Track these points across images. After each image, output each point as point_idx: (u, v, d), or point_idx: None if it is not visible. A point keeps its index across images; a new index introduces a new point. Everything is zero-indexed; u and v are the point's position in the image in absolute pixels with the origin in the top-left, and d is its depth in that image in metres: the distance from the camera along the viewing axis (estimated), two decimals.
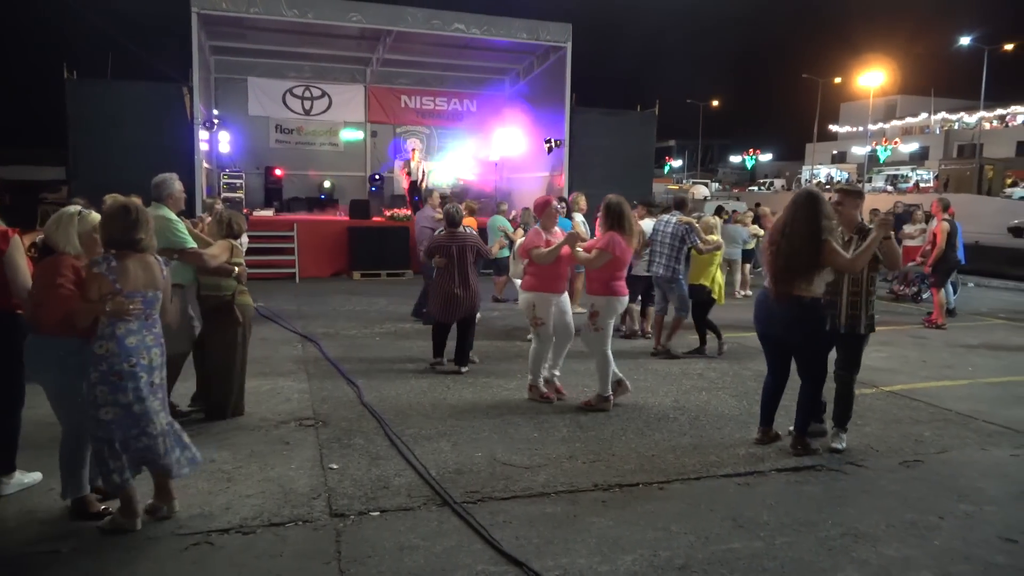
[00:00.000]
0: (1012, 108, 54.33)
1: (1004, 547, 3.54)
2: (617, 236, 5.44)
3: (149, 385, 3.46)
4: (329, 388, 6.04)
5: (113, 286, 3.33)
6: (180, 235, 4.88)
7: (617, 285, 5.54)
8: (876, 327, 4.78)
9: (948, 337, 9.12)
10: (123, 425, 3.38)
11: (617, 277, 5.54)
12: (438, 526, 3.58)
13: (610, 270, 5.49)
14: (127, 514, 3.46)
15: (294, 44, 15.60)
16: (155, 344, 3.52)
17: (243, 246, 5.25)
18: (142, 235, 3.47)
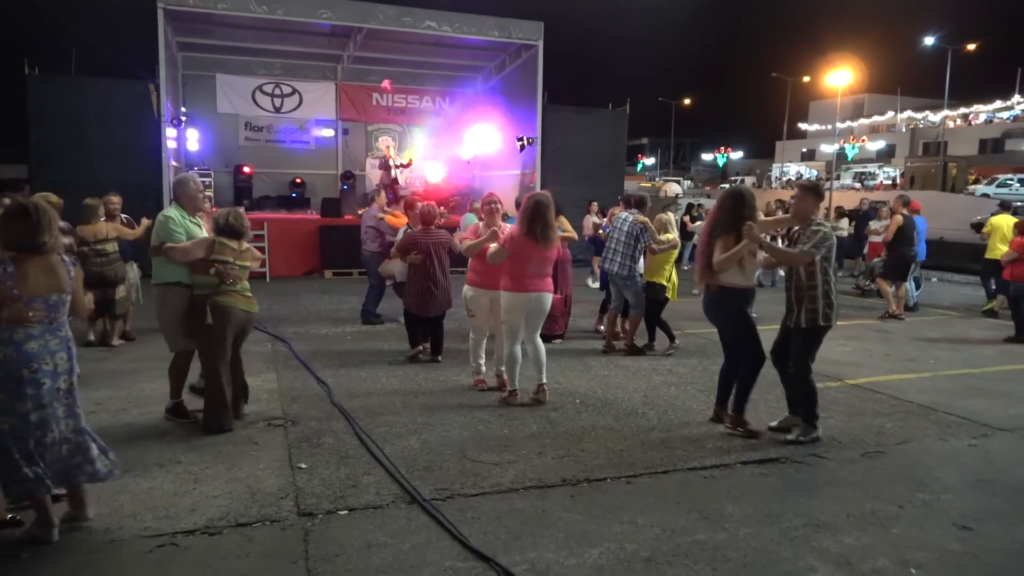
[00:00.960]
0: (975, 107, 55.51)
1: (960, 534, 3.64)
2: (515, 233, 5.41)
3: (55, 391, 3.33)
4: (299, 387, 6.00)
5: (10, 292, 3.19)
6: (165, 232, 4.87)
7: (523, 282, 5.42)
8: (824, 323, 4.82)
9: (911, 331, 9.32)
10: (20, 435, 3.24)
11: (521, 274, 5.42)
12: (407, 523, 3.59)
13: (512, 266, 5.44)
14: (41, 524, 3.34)
15: (263, 41, 15.43)
16: (61, 348, 3.38)
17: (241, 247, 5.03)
18: (45, 238, 3.30)
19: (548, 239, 5.38)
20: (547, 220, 5.38)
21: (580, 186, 14.91)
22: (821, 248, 4.73)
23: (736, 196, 5.00)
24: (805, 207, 4.89)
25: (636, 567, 3.23)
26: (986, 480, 4.36)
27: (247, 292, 5.01)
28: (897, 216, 10.27)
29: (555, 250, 5.55)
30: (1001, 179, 38.36)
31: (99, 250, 7.08)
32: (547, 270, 5.58)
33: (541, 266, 5.49)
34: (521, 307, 5.47)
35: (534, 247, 5.37)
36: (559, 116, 15.82)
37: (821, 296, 4.78)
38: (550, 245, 5.42)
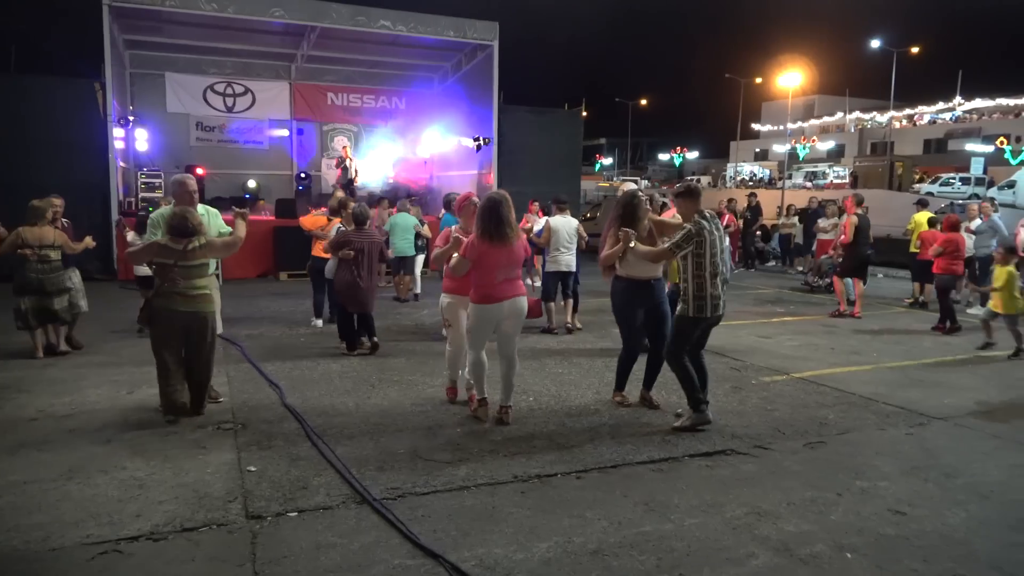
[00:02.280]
0: (919, 108, 57.42)
1: (893, 519, 3.79)
2: (473, 239, 4.98)
3: None
4: (250, 391, 5.94)
5: None
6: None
7: (491, 291, 4.99)
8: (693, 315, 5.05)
9: (855, 325, 9.61)
10: None
11: (488, 282, 4.99)
12: (356, 523, 3.59)
13: (477, 275, 5.02)
14: None
15: (214, 39, 15.19)
16: None
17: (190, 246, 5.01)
18: None
19: (506, 238, 4.94)
20: (502, 218, 4.94)
21: (537, 186, 15.00)
22: (685, 245, 4.99)
23: (625, 204, 5.54)
24: (686, 210, 5.16)
25: (583, 559, 3.29)
26: (920, 467, 4.54)
27: (192, 292, 4.97)
28: (852, 216, 10.44)
29: (520, 249, 5.11)
30: (944, 178, 39.74)
31: (43, 256, 6.80)
32: (515, 273, 5.11)
33: (509, 270, 5.03)
34: (490, 319, 5.04)
35: (494, 250, 4.92)
36: (515, 116, 15.91)
37: (692, 289, 5.04)
38: (509, 244, 4.97)
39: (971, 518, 3.81)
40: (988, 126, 51.62)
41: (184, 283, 4.92)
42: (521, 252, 5.13)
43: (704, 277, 5.02)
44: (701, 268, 5.01)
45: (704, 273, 5.02)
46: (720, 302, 5.10)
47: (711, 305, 5.05)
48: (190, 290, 4.95)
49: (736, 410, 5.67)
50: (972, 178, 38.43)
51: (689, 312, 5.06)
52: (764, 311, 10.70)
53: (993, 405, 5.96)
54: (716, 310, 5.09)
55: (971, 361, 7.62)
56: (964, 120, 54.63)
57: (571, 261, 8.55)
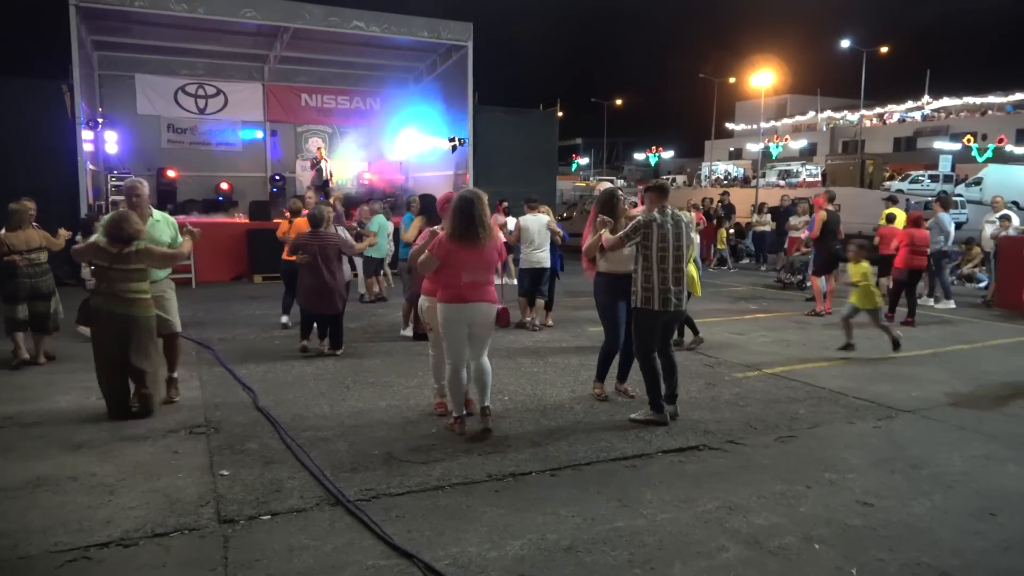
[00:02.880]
0: (889, 107, 58.36)
1: (861, 510, 3.86)
2: (443, 236, 4.79)
3: None
4: (223, 394, 5.89)
5: None
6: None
7: (456, 291, 4.76)
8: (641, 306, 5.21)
9: (826, 320, 9.76)
10: None
11: (454, 283, 4.77)
12: (330, 525, 3.59)
13: (444, 274, 4.81)
14: None
15: (185, 40, 15.02)
16: None
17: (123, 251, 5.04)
18: None
19: (477, 239, 4.70)
20: (474, 217, 4.70)
21: (513, 186, 15.03)
22: (633, 235, 5.15)
23: (604, 201, 5.70)
24: (651, 205, 5.32)
25: (556, 556, 3.32)
26: (887, 459, 4.62)
27: (128, 295, 5.06)
28: (821, 212, 10.60)
29: (493, 251, 4.85)
30: (913, 175, 40.44)
31: (32, 259, 6.68)
32: (485, 277, 4.85)
33: (477, 272, 4.78)
34: (457, 320, 4.78)
35: (463, 250, 4.70)
36: (490, 117, 15.94)
37: (640, 281, 5.19)
38: (480, 245, 4.73)
39: (935, 508, 3.90)
40: (955, 124, 52.62)
41: (120, 286, 5.02)
42: (493, 255, 4.87)
43: (652, 270, 5.14)
44: (648, 260, 5.14)
45: (651, 266, 5.13)
46: (671, 296, 5.15)
47: (660, 299, 5.13)
48: (126, 293, 5.05)
49: (709, 406, 5.73)
50: (941, 175, 39.18)
51: (637, 303, 5.23)
52: (738, 308, 10.82)
53: (959, 398, 6.09)
54: (666, 304, 5.14)
55: (939, 355, 7.77)
56: (932, 119, 55.63)
57: (543, 258, 8.67)
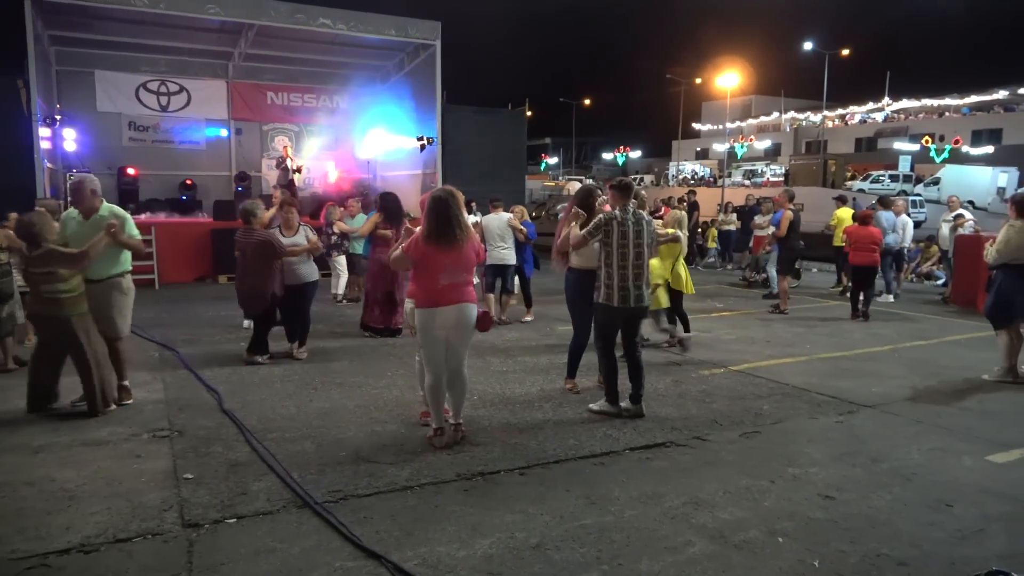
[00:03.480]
0: (850, 108, 59.52)
1: (823, 503, 3.95)
2: (418, 237, 4.66)
3: None
4: (187, 397, 5.80)
5: None
6: None
7: (432, 295, 4.61)
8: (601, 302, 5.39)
9: (790, 318, 9.94)
10: None
11: (430, 285, 4.62)
12: (297, 527, 3.56)
13: (420, 276, 4.69)
14: None
15: (147, 36, 14.67)
16: None
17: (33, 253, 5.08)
18: None
19: (454, 239, 4.56)
20: (449, 217, 4.55)
21: (483, 185, 15.04)
22: (595, 232, 5.33)
23: (583, 196, 5.82)
24: (615, 202, 5.46)
25: (525, 554, 3.33)
26: (849, 453, 4.73)
27: (49, 295, 5.06)
28: (787, 211, 10.78)
29: (471, 252, 4.69)
30: (874, 175, 41.33)
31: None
32: (464, 278, 4.69)
33: (455, 274, 4.61)
34: (436, 325, 4.62)
35: (440, 252, 4.55)
36: (459, 116, 15.93)
37: (602, 277, 5.36)
38: (457, 246, 4.58)
39: (895, 500, 3.99)
40: (915, 125, 53.86)
41: (42, 287, 5.06)
42: (472, 255, 4.71)
43: (612, 266, 5.28)
44: (609, 257, 5.29)
45: (612, 262, 5.27)
46: (629, 293, 5.26)
47: (619, 295, 5.27)
48: (46, 294, 5.08)
49: (676, 403, 5.80)
50: (901, 175, 40.12)
51: (599, 298, 5.37)
52: (704, 306, 10.95)
53: (917, 392, 6.25)
54: (625, 301, 5.27)
55: (898, 351, 7.96)
56: (892, 120, 56.87)
57: (505, 255, 8.94)
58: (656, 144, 77.08)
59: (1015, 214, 6.63)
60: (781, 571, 3.22)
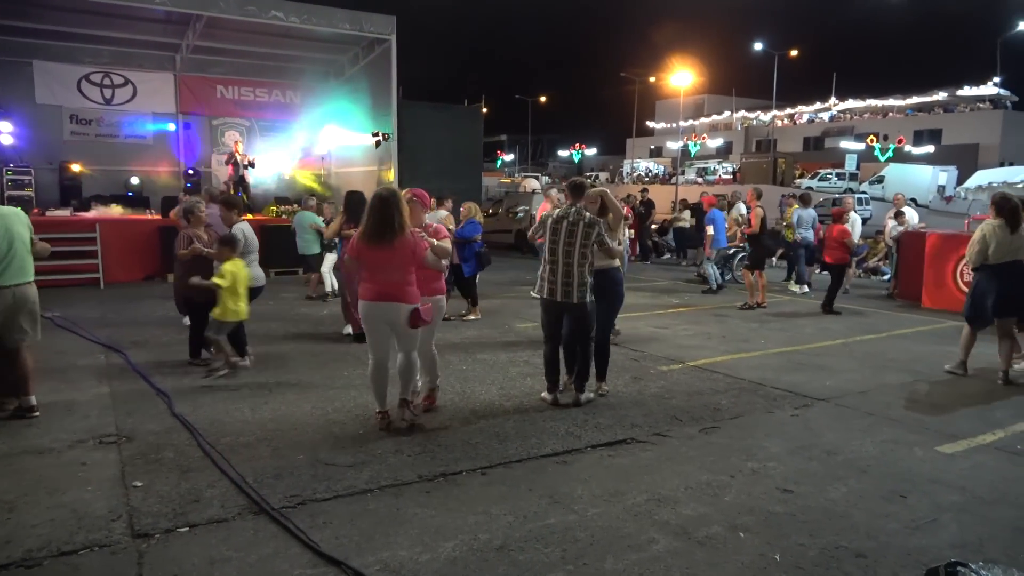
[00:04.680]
0: (799, 108, 60.92)
1: (782, 497, 4.00)
2: (355, 237, 4.94)
3: None
4: (136, 401, 5.59)
5: None
6: None
7: (367, 289, 4.86)
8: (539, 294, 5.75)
9: (745, 314, 10.10)
10: None
11: (367, 279, 4.88)
12: (254, 535, 3.45)
13: (362, 272, 4.95)
14: None
15: (88, 25, 14.16)
16: None
17: None
18: None
19: (383, 239, 4.69)
20: (384, 217, 4.70)
21: (439, 182, 14.87)
22: (539, 228, 5.73)
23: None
24: (566, 200, 5.74)
25: (489, 556, 3.29)
26: (805, 446, 4.81)
27: None
28: (758, 208, 10.93)
29: (404, 252, 4.75)
30: (822, 173, 42.42)
31: None
32: (398, 277, 4.78)
33: (388, 272, 4.75)
34: (373, 317, 4.86)
35: (373, 250, 4.75)
36: (414, 112, 15.76)
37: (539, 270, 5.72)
38: (389, 246, 4.70)
39: (851, 492, 4.07)
40: (860, 125, 55.42)
41: None
42: (406, 253, 4.76)
43: (545, 261, 5.58)
44: (545, 252, 5.59)
45: (546, 256, 5.58)
46: (556, 288, 5.46)
47: (547, 288, 5.54)
48: None
49: (636, 400, 5.83)
50: (847, 173, 41.27)
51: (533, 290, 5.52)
52: (660, 302, 11.06)
53: (868, 385, 6.40)
54: (552, 295, 5.51)
55: (849, 344, 8.15)
56: (839, 119, 58.41)
57: None
58: (611, 142, 77.75)
59: (993, 213, 6.58)
60: (743, 566, 3.25)
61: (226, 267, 6.26)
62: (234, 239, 6.44)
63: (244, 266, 6.43)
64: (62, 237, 11.90)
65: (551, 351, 5.72)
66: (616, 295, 6.00)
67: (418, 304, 4.86)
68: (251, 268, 6.60)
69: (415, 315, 4.81)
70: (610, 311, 6.02)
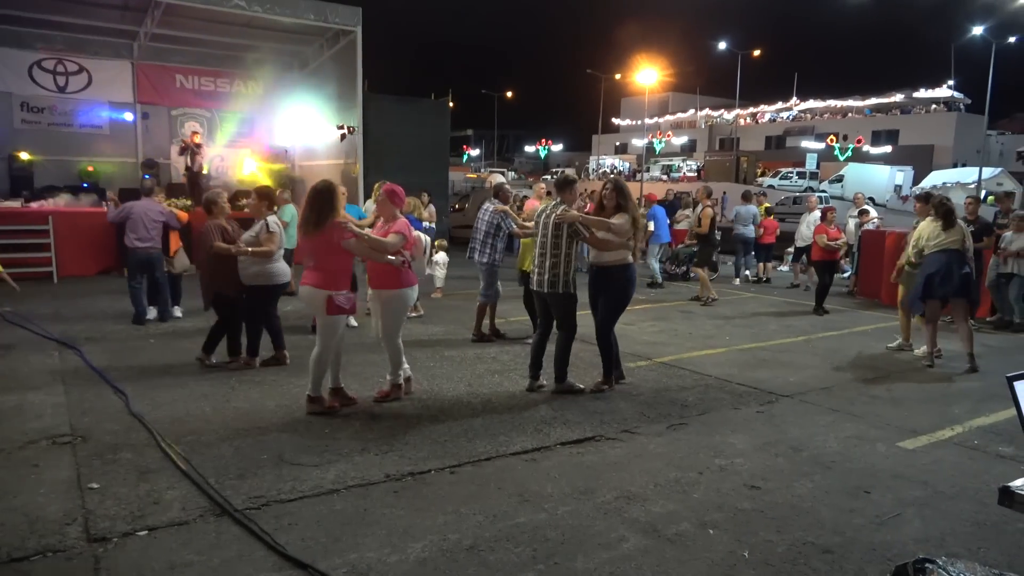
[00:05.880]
0: (761, 107, 61.91)
1: (749, 494, 4.03)
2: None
3: None
4: (91, 399, 5.41)
5: None
6: None
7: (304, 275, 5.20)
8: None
9: (710, 311, 10.20)
10: None
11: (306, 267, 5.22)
12: (216, 537, 3.35)
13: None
14: None
15: (39, 10, 13.66)
16: None
17: None
18: None
19: (308, 228, 5.06)
20: (309, 207, 5.07)
21: (405, 176, 14.62)
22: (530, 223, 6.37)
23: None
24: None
25: (459, 556, 3.25)
26: (771, 442, 4.86)
27: None
28: (708, 208, 11.09)
29: (323, 241, 5.02)
30: (783, 172, 43.15)
31: None
32: (318, 263, 5.10)
33: (312, 259, 5.15)
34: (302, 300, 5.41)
35: (302, 237, 5.26)
36: (380, 105, 15.57)
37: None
38: (311, 235, 5.05)
39: (816, 488, 4.12)
40: (821, 125, 56.50)
41: None
42: (328, 241, 5.00)
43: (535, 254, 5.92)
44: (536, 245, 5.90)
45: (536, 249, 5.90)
46: (535, 277, 5.83)
47: (535, 279, 5.85)
48: None
49: (603, 396, 5.83)
50: (808, 172, 42.05)
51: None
52: None
53: (830, 381, 6.51)
54: (540, 285, 5.80)
55: (811, 341, 8.28)
56: (800, 119, 59.46)
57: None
58: (577, 138, 78.07)
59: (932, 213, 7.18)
60: (713, 563, 3.26)
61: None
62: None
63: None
64: (13, 229, 11.52)
65: (538, 340, 6.04)
66: (614, 293, 5.87)
67: (333, 292, 5.02)
68: (277, 264, 6.42)
69: (330, 302, 5.00)
70: (607, 309, 5.91)
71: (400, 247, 5.22)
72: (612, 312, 5.94)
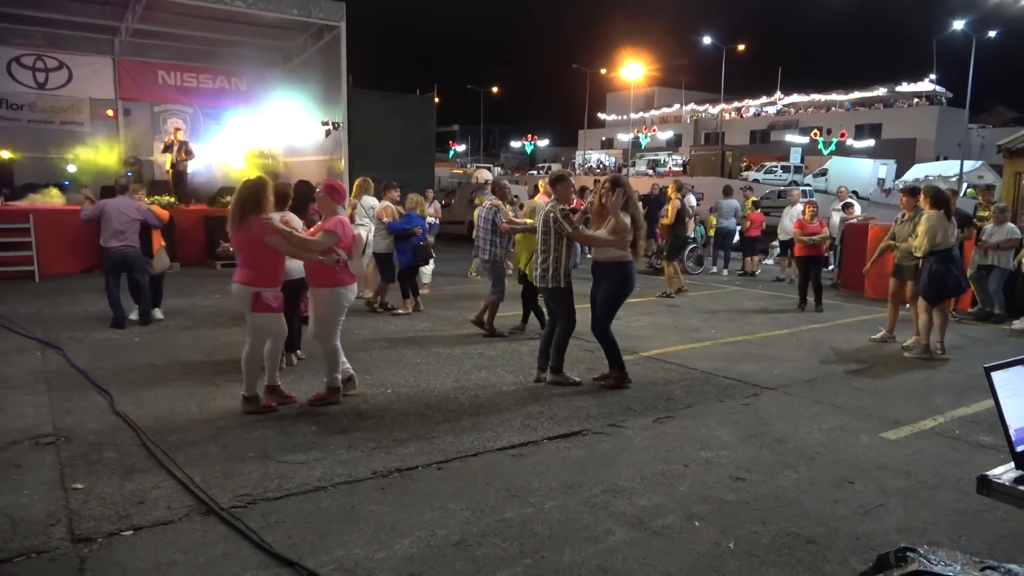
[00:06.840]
0: (745, 101, 62.19)
1: (734, 486, 4.06)
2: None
3: None
4: (75, 399, 5.36)
5: None
6: None
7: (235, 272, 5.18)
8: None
9: (696, 304, 10.26)
10: None
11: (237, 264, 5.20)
12: (202, 536, 3.33)
13: None
14: None
15: (17, 5, 13.48)
16: None
17: None
18: None
19: (232, 222, 5.01)
20: (235, 203, 5.03)
21: (391, 171, 14.66)
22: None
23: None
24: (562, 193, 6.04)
25: (446, 552, 3.25)
26: (756, 435, 4.90)
27: None
28: (675, 201, 11.29)
29: (244, 238, 4.97)
30: (768, 166, 43.37)
31: None
32: (241, 259, 5.06)
33: (240, 255, 5.07)
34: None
35: (230, 233, 5.12)
36: (365, 101, 15.51)
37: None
38: (237, 229, 4.97)
39: (801, 479, 4.16)
40: (804, 119, 56.86)
41: None
42: (244, 240, 4.97)
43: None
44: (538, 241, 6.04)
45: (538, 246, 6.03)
46: (547, 274, 5.89)
47: (539, 275, 5.98)
48: None
49: (591, 390, 5.86)
50: (792, 166, 42.28)
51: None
52: None
53: (814, 374, 6.57)
54: (543, 280, 5.94)
55: (795, 334, 8.35)
56: (784, 113, 59.83)
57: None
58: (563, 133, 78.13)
59: (929, 205, 7.14)
60: (699, 555, 3.28)
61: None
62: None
63: None
64: None
65: (546, 332, 6.18)
66: (609, 288, 5.86)
67: (261, 288, 4.97)
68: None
69: (256, 299, 4.96)
70: (602, 304, 5.92)
71: (329, 246, 5.06)
72: (607, 306, 5.94)
